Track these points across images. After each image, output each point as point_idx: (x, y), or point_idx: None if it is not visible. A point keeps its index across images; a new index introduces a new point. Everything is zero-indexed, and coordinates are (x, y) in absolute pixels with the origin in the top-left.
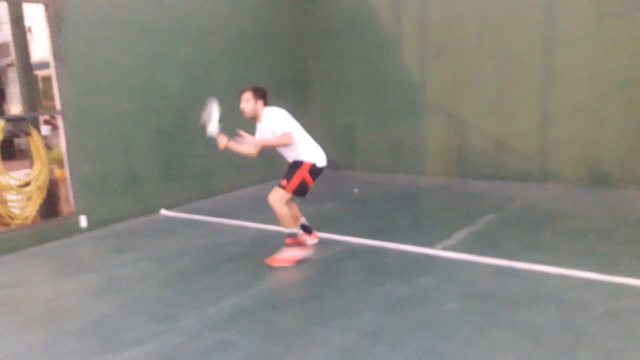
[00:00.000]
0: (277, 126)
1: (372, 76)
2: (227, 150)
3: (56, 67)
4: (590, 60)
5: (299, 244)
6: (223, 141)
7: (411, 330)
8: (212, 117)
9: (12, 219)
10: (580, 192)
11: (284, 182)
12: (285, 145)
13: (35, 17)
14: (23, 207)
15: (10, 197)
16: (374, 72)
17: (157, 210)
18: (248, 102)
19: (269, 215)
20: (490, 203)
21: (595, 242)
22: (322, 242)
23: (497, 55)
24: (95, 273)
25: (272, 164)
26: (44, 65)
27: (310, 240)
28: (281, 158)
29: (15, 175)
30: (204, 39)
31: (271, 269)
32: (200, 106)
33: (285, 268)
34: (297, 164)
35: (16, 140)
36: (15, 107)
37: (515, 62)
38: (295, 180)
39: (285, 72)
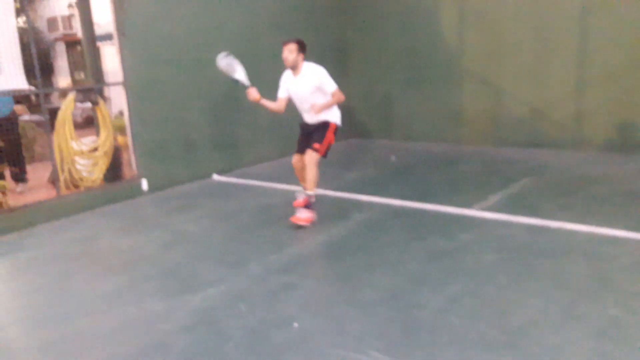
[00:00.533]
0: (324, 82)
1: (409, 46)
2: (256, 104)
3: (119, 41)
4: (625, 27)
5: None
6: (256, 94)
7: (452, 276)
8: (236, 67)
9: (81, 180)
10: (613, 158)
11: (316, 145)
12: (340, 101)
13: None
14: (90, 171)
15: (81, 161)
16: (412, 41)
17: (209, 175)
18: (292, 53)
19: None
20: (525, 168)
21: (625, 204)
22: (365, 204)
23: (534, 22)
24: (163, 228)
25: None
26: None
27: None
28: None
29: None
30: (250, 12)
31: (324, 226)
32: (248, 75)
33: (344, 224)
34: (324, 126)
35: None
36: (63, 80)
37: (552, 30)
38: (325, 143)
39: (325, 42)
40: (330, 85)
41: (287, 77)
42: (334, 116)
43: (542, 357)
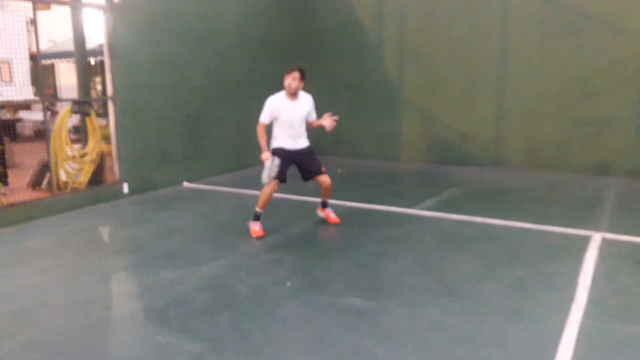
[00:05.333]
0: (313, 109)
1: (357, 76)
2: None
3: (111, 61)
4: (534, 69)
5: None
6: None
7: (402, 253)
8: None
9: (67, 183)
10: (523, 174)
11: (323, 168)
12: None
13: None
14: (76, 175)
15: (71, 165)
16: (359, 72)
17: (180, 182)
18: (295, 80)
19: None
20: (453, 181)
21: (530, 206)
22: None
23: (462, 62)
24: (153, 222)
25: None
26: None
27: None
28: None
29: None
30: (221, 41)
31: (294, 220)
32: (217, 96)
33: (312, 219)
34: (312, 152)
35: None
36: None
37: (476, 69)
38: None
39: (283, 69)
40: (314, 113)
41: (280, 102)
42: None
43: (470, 299)
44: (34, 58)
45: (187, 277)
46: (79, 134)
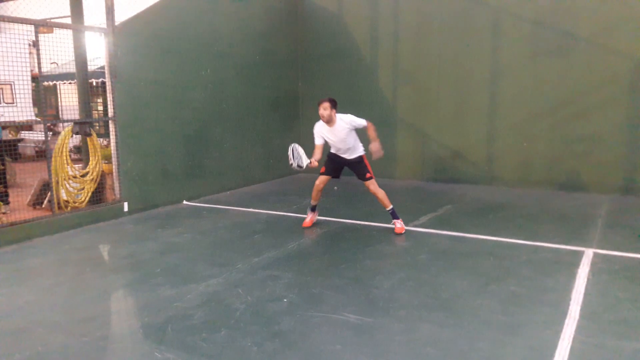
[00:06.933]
0: (355, 121)
1: (352, 97)
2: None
3: (111, 82)
4: (525, 88)
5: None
6: (315, 163)
7: (397, 269)
8: (300, 155)
9: (68, 202)
10: (516, 191)
11: (368, 174)
12: (374, 127)
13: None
14: (77, 194)
15: (72, 184)
16: (354, 93)
17: (180, 201)
18: (326, 110)
19: (273, 204)
20: (446, 198)
21: (523, 222)
22: (323, 222)
23: (454, 83)
24: (152, 240)
25: (268, 168)
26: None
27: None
28: (275, 161)
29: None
30: (220, 63)
31: (292, 237)
32: (216, 116)
33: (309, 235)
34: (361, 160)
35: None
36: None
37: (468, 89)
38: (370, 169)
39: (280, 90)
40: (361, 122)
41: (322, 128)
42: (361, 149)
43: (464, 314)
44: (36, 79)
45: (185, 293)
46: (80, 153)
